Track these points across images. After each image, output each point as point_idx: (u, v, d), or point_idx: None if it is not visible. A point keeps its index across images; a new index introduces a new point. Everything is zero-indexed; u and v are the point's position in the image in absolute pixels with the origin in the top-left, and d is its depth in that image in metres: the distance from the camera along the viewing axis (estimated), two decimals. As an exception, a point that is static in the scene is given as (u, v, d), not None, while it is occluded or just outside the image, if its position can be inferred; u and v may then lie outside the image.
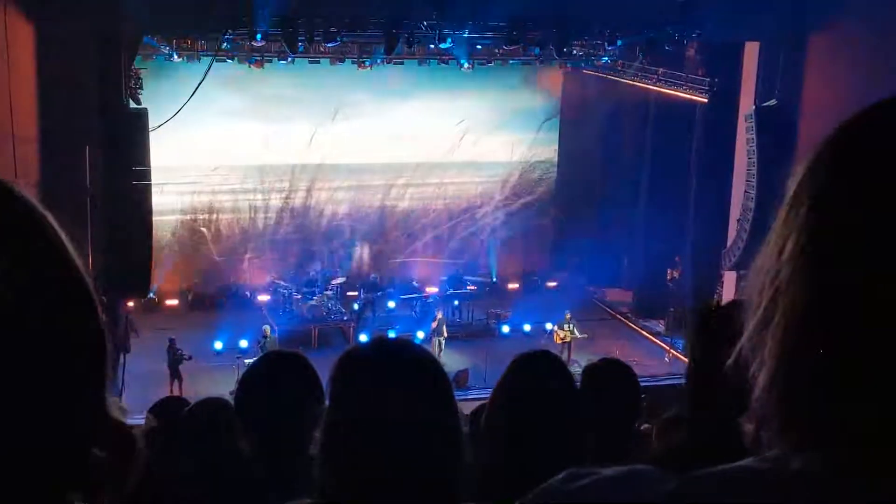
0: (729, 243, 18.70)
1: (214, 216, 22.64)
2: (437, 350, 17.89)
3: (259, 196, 22.85)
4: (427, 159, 23.54)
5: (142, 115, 16.99)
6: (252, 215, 22.94)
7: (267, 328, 18.00)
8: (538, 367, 2.76)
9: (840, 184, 0.81)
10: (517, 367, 2.74)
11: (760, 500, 0.82)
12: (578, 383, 3.74)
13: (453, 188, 24.28)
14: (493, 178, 24.49)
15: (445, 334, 18.99)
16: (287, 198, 23.11)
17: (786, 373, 0.81)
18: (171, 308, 21.62)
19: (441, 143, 23.41)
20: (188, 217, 22.31)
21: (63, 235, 0.90)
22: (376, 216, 23.85)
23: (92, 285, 0.92)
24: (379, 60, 19.38)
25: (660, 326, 21.36)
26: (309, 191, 23.23)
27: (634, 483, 0.91)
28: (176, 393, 15.23)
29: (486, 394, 2.85)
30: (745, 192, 17.70)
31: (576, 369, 4.12)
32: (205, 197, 22.33)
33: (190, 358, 16.88)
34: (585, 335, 18.99)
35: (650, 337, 20.99)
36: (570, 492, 0.94)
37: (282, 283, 21.46)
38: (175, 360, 16.65)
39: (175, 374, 16.60)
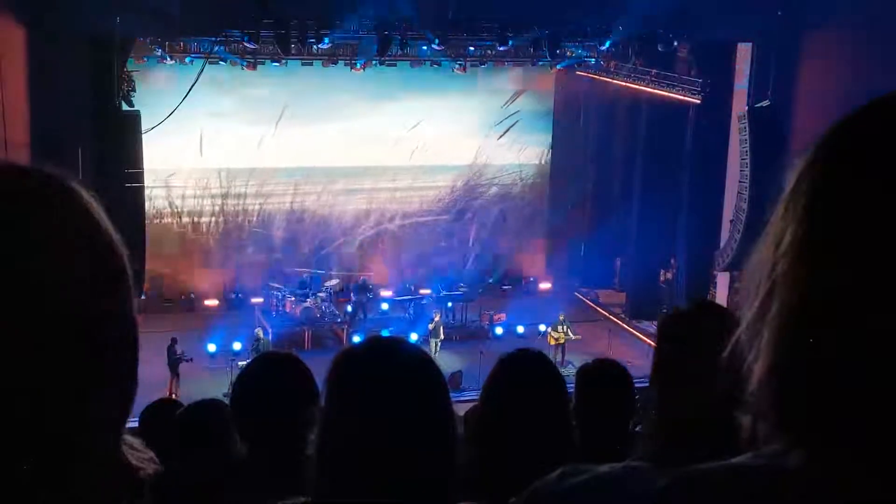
0: (722, 244, 18.71)
1: (205, 219, 22.57)
2: (432, 352, 17.89)
3: (239, 200, 22.71)
4: (415, 162, 23.44)
5: (134, 118, 17.01)
6: (224, 219, 22.80)
7: (259, 331, 17.97)
8: (523, 365, 2.77)
9: (837, 180, 0.81)
10: (502, 366, 2.75)
11: (755, 497, 0.82)
12: (573, 384, 3.75)
13: (444, 190, 24.22)
14: (487, 180, 24.45)
15: (442, 336, 18.98)
16: (281, 201, 23.03)
17: (782, 365, 0.81)
18: (164, 310, 21.51)
19: (429, 144, 23.28)
20: (177, 219, 22.24)
21: (115, 234, 0.93)
22: (365, 217, 23.81)
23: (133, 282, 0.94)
24: (375, 63, 19.38)
25: (653, 328, 21.29)
26: (306, 193, 23.20)
27: (628, 480, 0.91)
28: (174, 393, 15.22)
29: (480, 395, 2.86)
30: (739, 192, 17.72)
31: (570, 370, 4.13)
32: (190, 200, 22.25)
33: (191, 360, 16.84)
34: (579, 336, 18.99)
35: (644, 338, 20.98)
36: (564, 489, 0.94)
37: (275, 285, 21.40)
38: (175, 361, 16.61)
39: (175, 375, 16.55)
